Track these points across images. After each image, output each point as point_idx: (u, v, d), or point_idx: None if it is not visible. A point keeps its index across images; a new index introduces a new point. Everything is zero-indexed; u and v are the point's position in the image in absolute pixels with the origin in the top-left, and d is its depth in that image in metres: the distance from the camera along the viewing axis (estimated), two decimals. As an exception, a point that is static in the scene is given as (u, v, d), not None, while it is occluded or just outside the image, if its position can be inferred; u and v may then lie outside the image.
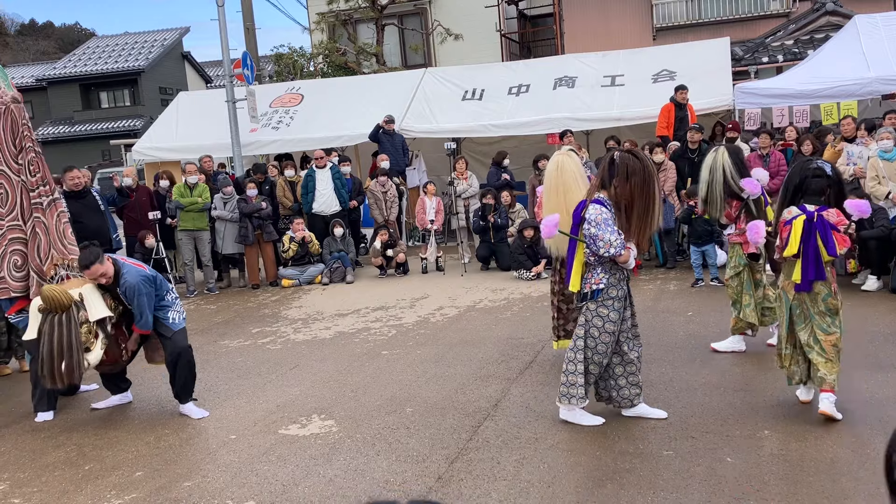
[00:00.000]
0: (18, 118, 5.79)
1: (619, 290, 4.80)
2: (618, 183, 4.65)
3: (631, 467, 4.25)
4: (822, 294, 4.78)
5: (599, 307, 4.77)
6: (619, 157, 4.70)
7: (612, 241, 4.62)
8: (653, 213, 4.72)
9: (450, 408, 5.39)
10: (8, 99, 5.80)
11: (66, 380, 5.23)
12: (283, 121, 14.50)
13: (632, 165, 4.63)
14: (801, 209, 4.85)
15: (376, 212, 12.09)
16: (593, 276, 4.79)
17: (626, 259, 4.70)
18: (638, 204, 4.66)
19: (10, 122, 5.78)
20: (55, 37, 60.86)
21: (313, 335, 7.97)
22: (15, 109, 5.80)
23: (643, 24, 19.76)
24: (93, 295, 5.37)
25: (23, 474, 4.81)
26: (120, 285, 5.43)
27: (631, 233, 4.72)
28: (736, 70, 13.72)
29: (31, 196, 5.78)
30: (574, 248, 4.84)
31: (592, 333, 4.79)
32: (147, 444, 5.17)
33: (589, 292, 4.79)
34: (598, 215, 4.64)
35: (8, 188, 5.78)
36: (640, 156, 4.76)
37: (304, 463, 4.63)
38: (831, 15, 16.14)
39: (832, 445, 4.34)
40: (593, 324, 4.79)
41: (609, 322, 4.77)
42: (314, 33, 22.21)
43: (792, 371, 5.00)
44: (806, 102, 11.14)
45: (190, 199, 10.81)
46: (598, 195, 4.75)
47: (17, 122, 5.78)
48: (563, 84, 13.53)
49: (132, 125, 33.57)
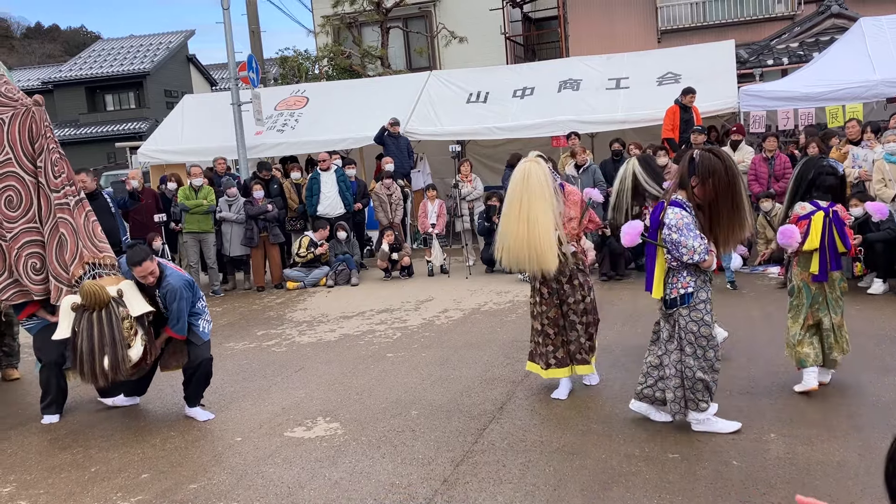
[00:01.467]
0: (39, 121, 5.76)
1: (706, 293, 4.62)
2: (696, 183, 4.45)
3: (637, 470, 4.24)
4: (837, 280, 5.31)
5: (692, 311, 4.57)
6: (699, 155, 4.48)
7: (696, 247, 4.41)
8: (742, 214, 4.49)
9: (455, 411, 5.39)
10: (29, 102, 5.79)
11: (111, 376, 5.23)
12: (288, 123, 14.53)
13: (711, 164, 4.40)
14: (813, 205, 4.98)
15: (381, 214, 12.10)
16: (679, 281, 4.59)
17: (709, 264, 4.50)
18: (723, 204, 4.44)
19: (30, 125, 5.75)
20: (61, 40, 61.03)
21: (318, 337, 7.98)
22: (36, 112, 5.77)
23: (648, 26, 19.74)
24: (132, 291, 5.37)
25: (29, 476, 4.82)
26: (161, 287, 5.45)
27: (718, 236, 4.53)
28: (741, 73, 13.71)
29: (54, 197, 5.72)
30: (653, 253, 4.66)
31: (690, 339, 4.59)
32: (153, 446, 5.18)
33: (677, 297, 4.60)
34: (679, 220, 4.43)
35: (21, 191, 5.75)
36: (721, 154, 4.51)
37: (309, 465, 4.63)
38: (836, 17, 16.12)
39: (839, 449, 4.33)
40: (689, 329, 4.58)
41: (704, 325, 4.57)
42: (319, 36, 22.24)
43: (805, 353, 5.22)
44: (811, 105, 11.13)
45: (195, 201, 10.84)
46: (676, 196, 4.55)
47: (37, 125, 5.74)
48: (567, 87, 13.53)
49: (137, 128, 33.61)
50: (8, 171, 5.70)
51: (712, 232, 4.52)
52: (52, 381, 5.82)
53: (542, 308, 5.50)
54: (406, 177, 13.05)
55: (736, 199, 4.44)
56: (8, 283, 5.78)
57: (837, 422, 4.73)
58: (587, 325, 5.51)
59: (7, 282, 5.78)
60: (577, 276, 5.45)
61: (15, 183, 5.73)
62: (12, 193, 5.73)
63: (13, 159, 5.72)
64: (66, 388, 5.97)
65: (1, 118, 5.67)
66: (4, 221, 5.73)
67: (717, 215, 4.48)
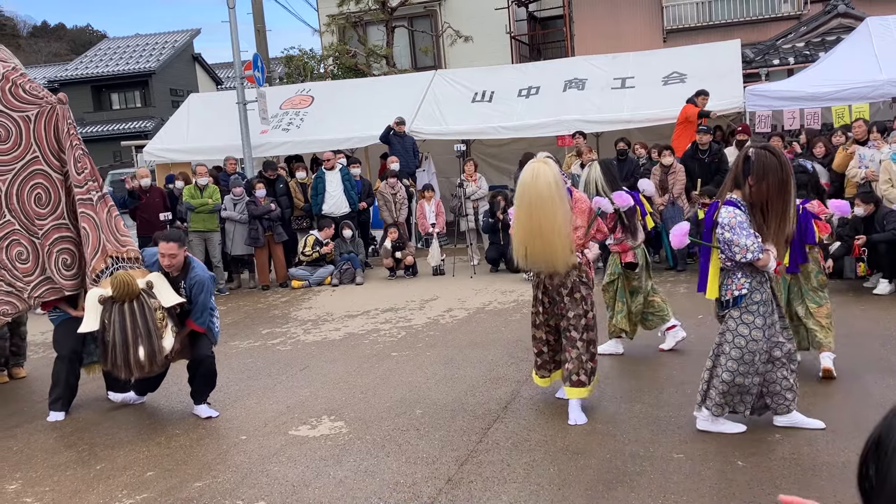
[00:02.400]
0: (63, 118, 5.78)
1: (762, 294, 4.49)
2: (753, 181, 4.37)
3: (641, 470, 4.24)
4: (813, 272, 5.58)
5: (744, 314, 4.48)
6: (755, 154, 4.41)
7: (749, 245, 4.32)
8: (788, 214, 4.47)
9: (459, 410, 5.40)
10: (53, 99, 5.80)
11: (148, 368, 5.27)
12: (294, 122, 14.55)
13: (768, 163, 4.33)
14: None
15: (386, 213, 12.11)
16: (734, 282, 4.49)
17: (765, 262, 4.41)
18: (775, 204, 4.39)
19: (55, 122, 5.77)
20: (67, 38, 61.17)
21: (323, 336, 7.99)
22: (60, 110, 5.79)
23: (653, 26, 19.71)
24: (162, 282, 5.40)
25: (35, 473, 4.84)
26: (189, 278, 5.50)
27: (769, 234, 4.45)
28: (746, 72, 13.68)
29: (77, 192, 5.72)
30: (708, 253, 4.59)
31: (739, 343, 4.49)
32: (158, 444, 5.19)
33: (731, 299, 4.51)
34: (732, 218, 4.36)
35: (49, 188, 5.78)
36: (777, 153, 4.45)
37: (314, 464, 4.64)
38: (843, 17, 16.07)
39: (844, 449, 4.32)
40: (739, 332, 4.49)
41: (756, 329, 4.46)
42: (324, 35, 22.25)
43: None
44: (817, 105, 11.10)
45: (200, 200, 10.86)
46: (731, 196, 4.47)
47: (62, 122, 5.76)
48: (573, 86, 13.52)
49: (143, 126, 33.69)
50: (36, 168, 5.73)
51: (768, 230, 4.43)
52: (62, 375, 5.83)
53: (543, 318, 5.29)
54: (411, 176, 13.06)
55: (786, 197, 4.40)
56: (40, 280, 5.81)
57: (842, 422, 4.72)
58: (588, 343, 5.11)
59: (39, 279, 5.81)
60: (580, 288, 5.08)
61: (43, 180, 5.75)
62: (41, 191, 5.75)
63: (40, 157, 5.74)
64: (76, 385, 5.98)
65: (27, 115, 5.68)
66: (35, 219, 5.75)
67: (770, 214, 4.42)
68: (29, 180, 5.72)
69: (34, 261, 5.78)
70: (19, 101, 5.67)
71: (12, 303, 5.82)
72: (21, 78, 5.72)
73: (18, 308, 5.89)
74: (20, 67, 5.88)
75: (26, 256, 5.77)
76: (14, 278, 5.76)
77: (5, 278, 5.74)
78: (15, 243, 5.75)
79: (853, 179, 9.29)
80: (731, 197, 4.47)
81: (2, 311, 5.80)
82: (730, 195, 4.49)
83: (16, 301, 5.82)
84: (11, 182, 5.67)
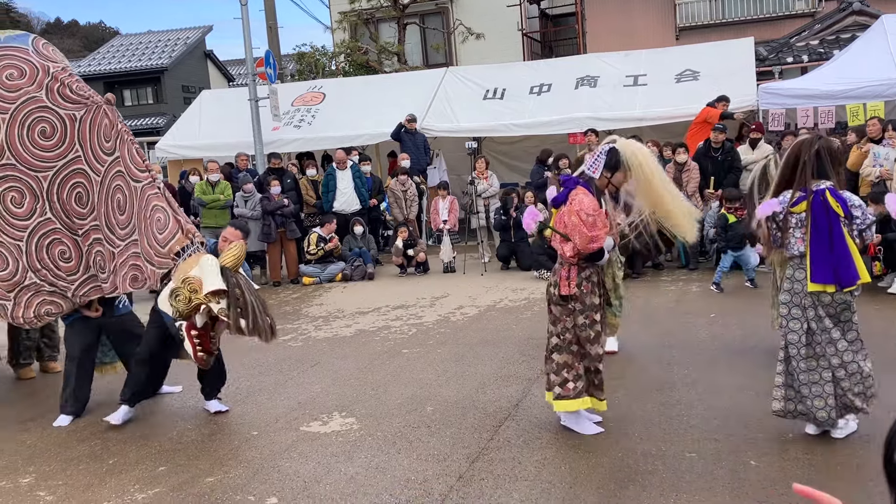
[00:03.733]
0: (113, 118, 5.67)
1: None
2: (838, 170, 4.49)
3: (653, 469, 4.22)
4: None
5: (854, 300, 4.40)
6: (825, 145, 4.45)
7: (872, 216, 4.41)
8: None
9: (470, 407, 5.39)
10: (101, 99, 5.75)
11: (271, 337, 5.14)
12: (305, 119, 14.57)
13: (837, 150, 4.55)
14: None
15: (396, 210, 12.12)
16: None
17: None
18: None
19: (102, 122, 5.66)
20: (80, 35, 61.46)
21: (334, 333, 8.00)
22: (108, 111, 5.71)
23: (666, 23, 19.63)
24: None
25: (48, 467, 4.86)
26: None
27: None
28: (760, 70, 13.60)
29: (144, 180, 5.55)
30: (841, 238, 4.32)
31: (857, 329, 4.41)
32: (170, 439, 5.21)
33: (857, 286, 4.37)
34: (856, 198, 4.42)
35: (89, 188, 5.71)
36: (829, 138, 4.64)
37: (325, 460, 4.64)
38: (858, 14, 15.95)
39: (859, 451, 4.29)
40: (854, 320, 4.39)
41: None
42: (336, 32, 22.27)
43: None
44: (831, 103, 11.02)
45: (212, 196, 10.89)
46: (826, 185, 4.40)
47: (111, 121, 5.65)
48: (585, 83, 13.48)
49: (155, 123, 33.79)
50: (77, 168, 5.67)
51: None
52: (72, 377, 5.75)
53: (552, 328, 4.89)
54: (422, 173, 13.06)
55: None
56: (85, 277, 5.74)
57: (858, 423, 4.68)
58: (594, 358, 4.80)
59: (84, 277, 5.74)
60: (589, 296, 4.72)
61: (83, 180, 5.69)
62: (81, 190, 5.71)
63: (82, 157, 5.68)
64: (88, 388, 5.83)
65: (73, 114, 5.64)
66: (76, 218, 5.71)
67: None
68: (69, 179, 5.67)
69: (77, 259, 5.72)
70: (66, 101, 5.63)
71: (56, 302, 5.74)
72: (69, 78, 5.69)
73: (63, 308, 5.80)
74: (69, 68, 5.86)
75: (69, 255, 5.71)
76: (56, 277, 5.69)
77: (47, 278, 5.67)
78: (57, 242, 5.69)
79: (867, 178, 9.22)
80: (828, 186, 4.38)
81: (45, 311, 5.73)
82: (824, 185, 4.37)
83: (59, 300, 5.75)
84: (52, 180, 5.64)
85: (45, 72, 5.61)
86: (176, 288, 5.10)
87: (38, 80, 5.57)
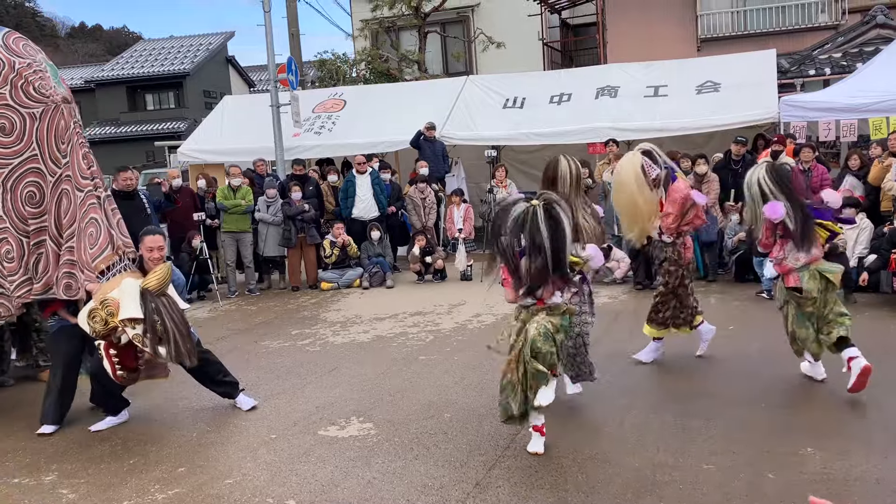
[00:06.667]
0: (68, 117, 5.71)
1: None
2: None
3: (670, 480, 4.22)
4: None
5: None
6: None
7: None
8: None
9: (487, 415, 5.40)
10: (58, 98, 5.73)
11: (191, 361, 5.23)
12: (326, 126, 14.66)
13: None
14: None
15: (415, 218, 12.16)
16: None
17: None
18: None
19: (58, 122, 5.68)
20: (104, 39, 62.22)
21: (352, 338, 8.04)
22: (65, 109, 5.72)
23: (688, 35, 19.58)
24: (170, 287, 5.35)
25: (70, 466, 4.93)
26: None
27: None
28: (781, 82, 13.53)
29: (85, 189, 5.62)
30: None
31: None
32: (189, 440, 5.26)
33: None
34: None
35: (43, 187, 5.66)
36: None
37: (343, 464, 4.68)
38: (881, 28, 15.84)
39: (877, 466, 4.26)
40: None
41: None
42: (357, 40, 22.43)
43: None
44: (854, 116, 10.94)
45: (233, 201, 10.99)
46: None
47: (66, 121, 5.69)
48: (605, 93, 13.47)
49: (176, 127, 34.11)
50: (32, 167, 5.63)
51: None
52: (55, 385, 5.61)
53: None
54: (440, 181, 13.10)
55: None
56: (22, 280, 5.67)
57: (876, 437, 4.67)
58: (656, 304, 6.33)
59: (21, 279, 5.67)
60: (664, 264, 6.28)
61: (38, 179, 5.66)
62: (34, 189, 5.66)
63: (38, 156, 5.65)
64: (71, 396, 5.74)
65: (32, 112, 5.61)
66: (29, 218, 5.65)
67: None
68: (24, 178, 5.61)
69: (18, 259, 5.64)
70: (29, 99, 5.60)
71: (4, 305, 5.65)
72: (34, 75, 5.63)
73: (10, 311, 5.67)
74: (37, 64, 5.74)
75: (13, 255, 5.62)
76: (1, 277, 5.60)
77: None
78: (3, 241, 5.60)
79: (889, 192, 9.16)
80: None
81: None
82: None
83: (6, 302, 5.64)
84: (7, 178, 5.57)
85: (10, 67, 5.57)
86: (94, 308, 5.11)
87: (2, 74, 5.55)
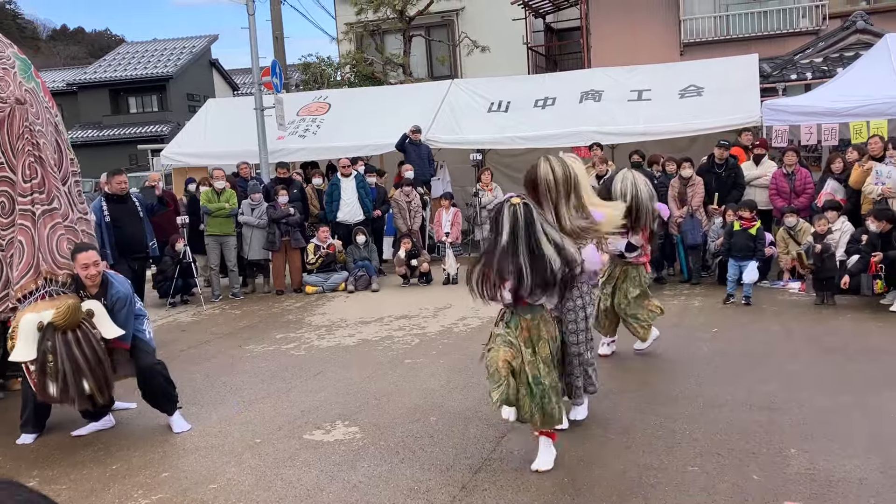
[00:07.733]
0: (20, 120, 5.42)
1: None
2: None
3: (656, 482, 4.23)
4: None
5: None
6: None
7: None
8: None
9: (473, 418, 5.40)
10: (12, 100, 5.45)
11: (100, 398, 5.04)
12: (310, 129, 14.62)
13: None
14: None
15: (400, 221, 12.15)
16: None
17: None
18: None
19: (14, 126, 5.42)
20: (86, 42, 61.82)
21: (337, 342, 8.01)
22: (18, 111, 5.44)
23: (671, 39, 19.70)
24: (101, 311, 5.05)
25: (51, 471, 4.88)
26: (110, 295, 5.20)
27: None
28: (764, 87, 13.64)
29: (20, 202, 5.36)
30: None
31: None
32: (173, 445, 5.22)
33: None
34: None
35: (12, 196, 5.45)
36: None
37: (328, 469, 4.66)
38: (861, 33, 16.00)
39: (860, 466, 4.30)
40: None
41: None
42: (342, 43, 22.41)
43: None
44: (835, 120, 11.04)
45: (217, 204, 10.92)
46: None
47: (18, 124, 5.42)
48: (589, 97, 13.53)
49: (159, 130, 33.95)
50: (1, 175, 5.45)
51: None
52: (30, 394, 5.33)
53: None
54: (426, 184, 13.10)
55: None
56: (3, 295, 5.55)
57: (859, 439, 4.70)
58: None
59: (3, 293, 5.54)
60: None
61: (8, 188, 5.45)
62: (5, 199, 5.48)
63: (5, 164, 5.44)
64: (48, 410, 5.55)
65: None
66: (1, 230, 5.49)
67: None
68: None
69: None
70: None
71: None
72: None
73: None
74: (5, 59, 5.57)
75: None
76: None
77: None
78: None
79: (869, 196, 9.25)
80: None
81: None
82: None
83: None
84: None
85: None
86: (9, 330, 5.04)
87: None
